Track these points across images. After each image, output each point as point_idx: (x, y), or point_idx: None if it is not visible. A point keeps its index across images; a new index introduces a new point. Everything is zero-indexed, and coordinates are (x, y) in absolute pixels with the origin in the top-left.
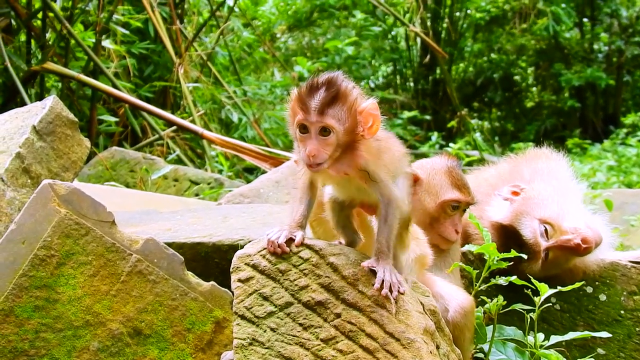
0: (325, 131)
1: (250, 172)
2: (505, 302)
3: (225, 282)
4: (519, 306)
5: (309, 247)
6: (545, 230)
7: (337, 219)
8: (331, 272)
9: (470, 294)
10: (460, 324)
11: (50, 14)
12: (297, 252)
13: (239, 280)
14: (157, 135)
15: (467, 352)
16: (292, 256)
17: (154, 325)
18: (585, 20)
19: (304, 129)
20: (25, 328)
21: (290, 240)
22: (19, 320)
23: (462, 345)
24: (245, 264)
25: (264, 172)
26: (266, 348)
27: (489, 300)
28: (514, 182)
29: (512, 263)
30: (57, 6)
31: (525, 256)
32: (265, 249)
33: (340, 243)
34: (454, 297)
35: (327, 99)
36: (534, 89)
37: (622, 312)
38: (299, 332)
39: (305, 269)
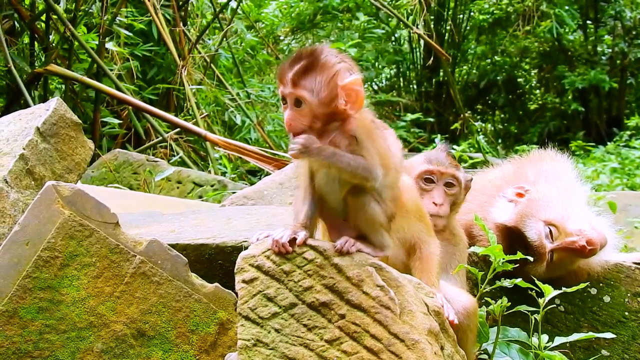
0: (298, 102)
1: (254, 174)
2: (510, 303)
3: (229, 284)
4: (523, 308)
5: (313, 248)
6: (550, 232)
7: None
8: (335, 273)
9: (475, 295)
10: (464, 325)
11: (54, 16)
12: (301, 253)
13: (243, 281)
14: (160, 138)
15: (470, 354)
16: (297, 257)
17: (157, 327)
18: (588, 22)
19: (284, 100)
20: (29, 329)
21: (293, 240)
22: (22, 321)
23: (465, 347)
24: (250, 264)
25: (267, 174)
26: (270, 349)
27: (494, 302)
28: (518, 183)
29: (517, 265)
30: (60, 8)
31: (531, 259)
32: (269, 249)
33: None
34: (457, 299)
35: (301, 69)
36: (538, 91)
37: (627, 313)
38: (303, 333)
39: (309, 270)
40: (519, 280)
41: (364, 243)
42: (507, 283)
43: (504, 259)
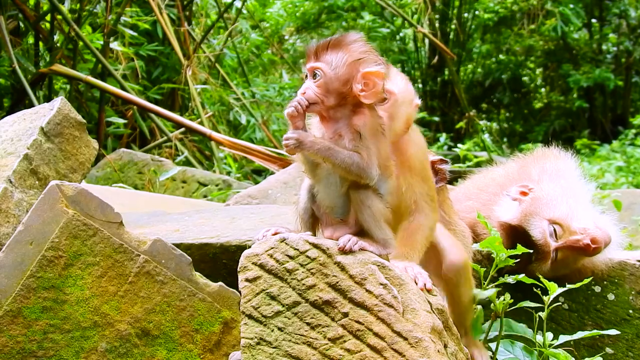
0: (315, 74)
1: (259, 174)
2: (512, 300)
3: (233, 283)
4: (526, 304)
5: (316, 246)
6: (554, 230)
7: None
8: (338, 271)
9: None
10: (453, 280)
11: (58, 16)
12: (304, 251)
13: (247, 280)
14: (165, 137)
15: (464, 307)
16: (300, 255)
17: (162, 326)
18: (593, 20)
19: (306, 76)
20: (33, 329)
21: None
22: (27, 321)
23: (459, 302)
24: (253, 263)
25: (272, 173)
26: (274, 347)
27: (497, 299)
28: (522, 182)
29: (521, 263)
30: (65, 8)
31: (530, 250)
32: (272, 248)
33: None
34: (448, 252)
35: (326, 45)
36: (543, 89)
37: (631, 311)
38: (306, 331)
39: (312, 268)
40: (522, 276)
41: (367, 241)
42: (510, 279)
43: (505, 253)
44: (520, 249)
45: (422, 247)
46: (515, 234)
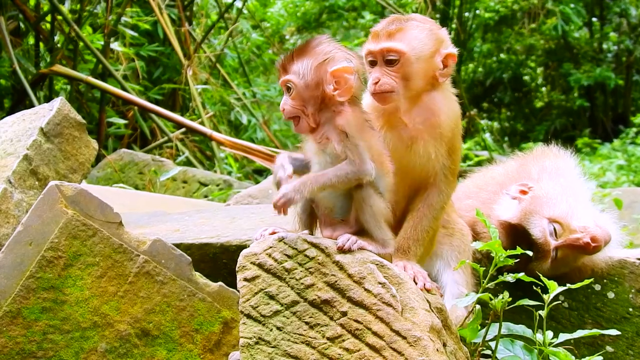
0: (288, 88)
1: (260, 174)
2: (511, 298)
3: (233, 283)
4: (526, 302)
5: (315, 245)
6: (554, 229)
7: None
8: (337, 271)
9: (478, 292)
10: None
11: (59, 17)
12: (302, 250)
13: (245, 279)
14: (166, 138)
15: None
16: (298, 254)
17: (161, 326)
18: (594, 19)
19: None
20: (33, 330)
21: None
22: (26, 322)
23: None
24: (251, 262)
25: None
26: (272, 347)
27: (496, 297)
28: (522, 180)
29: (521, 262)
30: (65, 9)
31: (530, 253)
32: (271, 247)
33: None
34: None
35: (291, 56)
36: (544, 89)
37: (631, 309)
38: (305, 330)
39: (311, 268)
40: (521, 275)
41: (365, 240)
42: (509, 278)
43: (504, 254)
44: (520, 250)
45: (427, 236)
46: (515, 233)
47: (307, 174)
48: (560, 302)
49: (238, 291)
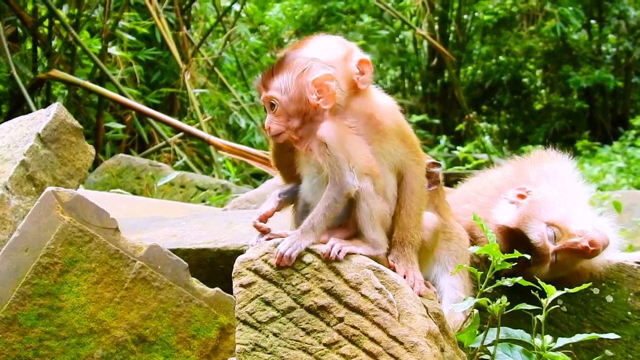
0: (272, 105)
1: (258, 178)
2: (509, 303)
3: (230, 288)
4: (523, 306)
5: (311, 251)
6: (553, 233)
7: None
8: (333, 276)
9: (476, 296)
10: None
11: (56, 22)
12: (299, 256)
13: (241, 285)
14: (164, 142)
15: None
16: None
17: (158, 332)
18: (592, 21)
19: (264, 109)
20: (29, 336)
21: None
22: (22, 328)
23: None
24: (247, 268)
25: (271, 177)
26: (269, 353)
27: (494, 302)
28: (519, 184)
29: (519, 266)
30: (63, 13)
31: (528, 256)
32: (267, 253)
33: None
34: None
35: (270, 72)
36: (543, 91)
37: (629, 313)
38: (301, 336)
39: (307, 273)
40: (519, 279)
41: (355, 243)
42: (507, 282)
43: (502, 257)
44: (518, 254)
45: (419, 220)
46: (514, 237)
47: (300, 229)
48: (558, 306)
49: (234, 297)
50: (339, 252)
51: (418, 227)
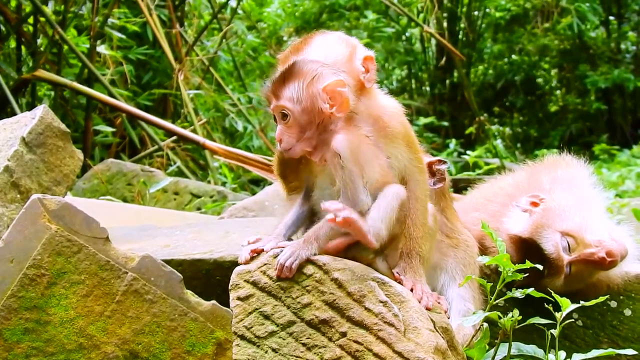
0: (284, 115)
1: (257, 184)
2: (521, 317)
3: (227, 301)
4: (536, 320)
5: (312, 262)
6: (568, 243)
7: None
8: (336, 289)
9: (485, 308)
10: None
11: (42, 19)
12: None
13: (238, 299)
14: (156, 146)
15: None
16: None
17: (151, 348)
18: (611, 18)
19: (274, 117)
20: (15, 352)
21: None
22: (7, 344)
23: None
24: (245, 280)
25: (270, 183)
26: None
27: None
28: (532, 191)
29: (532, 278)
30: (48, 10)
31: (540, 267)
32: (265, 264)
33: None
34: None
35: (280, 80)
36: (558, 92)
37: None
38: (302, 352)
39: (308, 286)
40: (530, 290)
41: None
42: (518, 294)
43: (513, 268)
44: (530, 264)
45: (425, 230)
46: (526, 248)
47: (306, 239)
48: (574, 320)
49: (231, 310)
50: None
51: (425, 238)
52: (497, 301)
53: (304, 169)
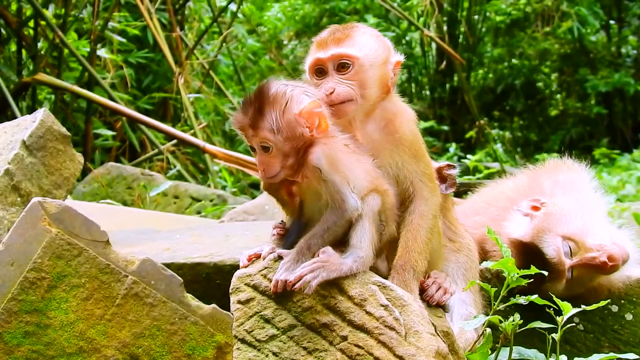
0: (265, 147)
1: (257, 188)
2: (522, 321)
3: (227, 305)
4: (537, 324)
5: None
6: (569, 247)
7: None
8: (337, 292)
9: (489, 315)
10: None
11: (42, 22)
12: None
13: (239, 302)
14: (156, 150)
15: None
16: None
17: (151, 352)
18: (612, 22)
19: (252, 148)
20: (15, 355)
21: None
22: (8, 347)
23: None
24: (246, 284)
25: None
26: None
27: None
28: (533, 195)
29: (534, 282)
30: (49, 14)
31: (546, 273)
32: (266, 267)
33: None
34: None
35: (255, 111)
36: (558, 96)
37: None
38: (303, 356)
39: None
40: (534, 297)
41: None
42: (522, 300)
43: (517, 273)
44: (535, 270)
45: (427, 249)
46: (527, 252)
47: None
48: (575, 324)
49: (232, 314)
50: (314, 279)
51: (423, 254)
52: (499, 307)
53: (290, 188)
